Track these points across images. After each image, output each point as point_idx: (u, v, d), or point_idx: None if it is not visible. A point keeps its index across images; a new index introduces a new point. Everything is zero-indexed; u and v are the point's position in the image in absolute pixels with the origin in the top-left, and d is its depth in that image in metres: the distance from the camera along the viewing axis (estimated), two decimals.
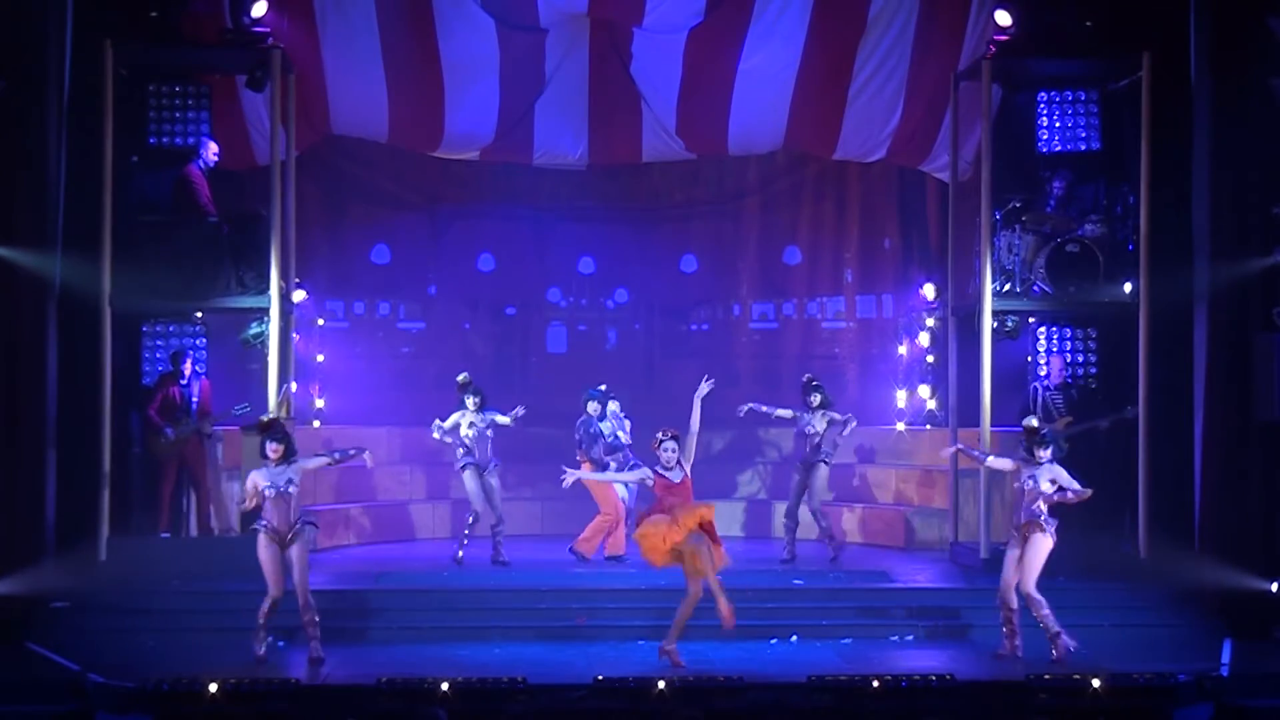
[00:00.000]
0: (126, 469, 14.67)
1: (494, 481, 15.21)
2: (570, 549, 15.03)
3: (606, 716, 10.61)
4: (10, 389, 13.06)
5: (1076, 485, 12.38)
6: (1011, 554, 12.33)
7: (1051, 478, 12.27)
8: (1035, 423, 12.76)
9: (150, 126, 15.43)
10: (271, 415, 12.59)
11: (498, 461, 15.27)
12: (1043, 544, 12.21)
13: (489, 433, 15.15)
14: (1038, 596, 12.24)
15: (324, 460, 12.48)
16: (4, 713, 10.68)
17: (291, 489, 11.99)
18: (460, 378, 15.28)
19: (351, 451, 12.45)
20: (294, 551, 11.98)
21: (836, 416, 15.24)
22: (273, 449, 12.01)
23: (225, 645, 12.39)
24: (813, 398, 15.26)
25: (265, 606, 12.01)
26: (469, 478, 15.17)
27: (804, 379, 15.51)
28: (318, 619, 12.06)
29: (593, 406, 15.39)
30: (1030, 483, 12.28)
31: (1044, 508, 12.25)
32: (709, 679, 10.94)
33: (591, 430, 15.36)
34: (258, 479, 11.98)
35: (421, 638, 12.75)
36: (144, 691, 10.57)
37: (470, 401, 15.10)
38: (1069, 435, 14.81)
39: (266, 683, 10.73)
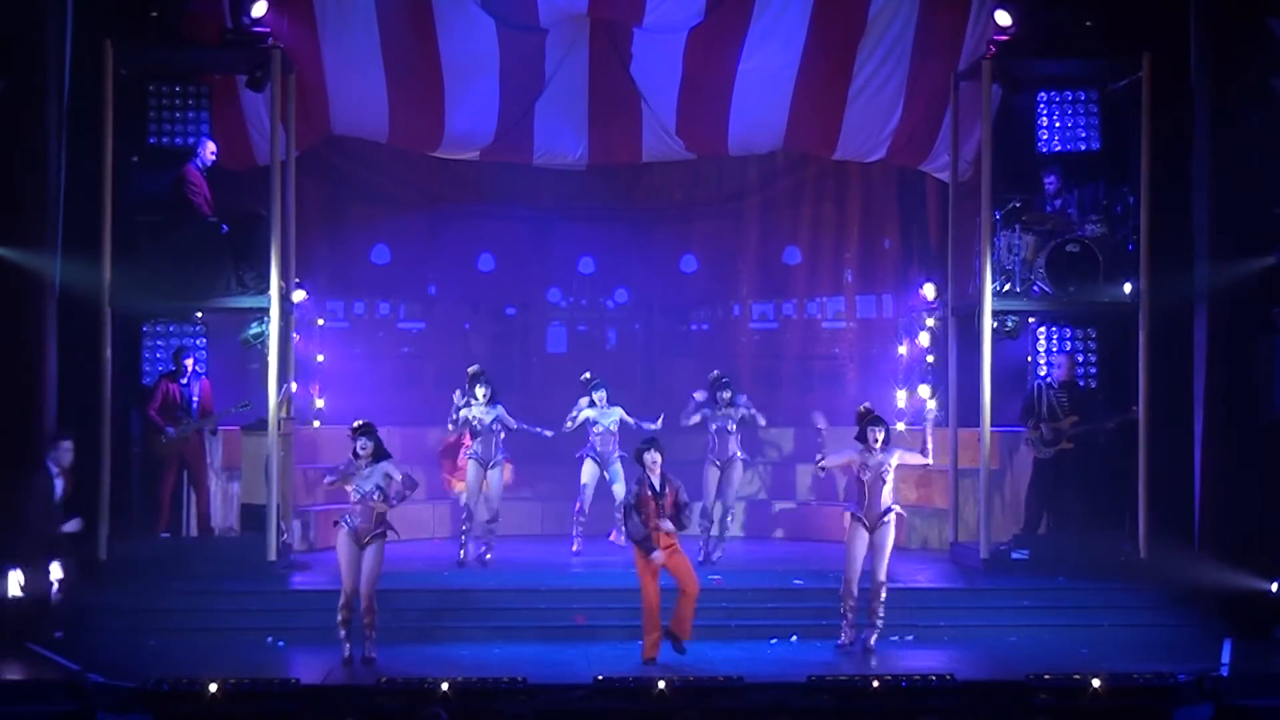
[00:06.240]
0: (126, 469, 14.66)
1: (494, 477, 15.19)
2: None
3: (606, 716, 10.61)
4: (10, 389, 13.06)
5: (919, 455, 12.66)
6: (858, 545, 12.43)
7: (897, 462, 12.47)
8: (868, 406, 12.86)
9: (150, 126, 15.43)
10: (363, 420, 12.56)
11: (506, 456, 15.26)
12: (893, 533, 12.47)
13: (496, 427, 15.15)
14: (885, 584, 12.48)
15: (400, 476, 12.55)
16: (4, 713, 10.68)
17: (377, 496, 12.09)
18: (471, 369, 15.32)
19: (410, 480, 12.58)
20: (369, 553, 12.05)
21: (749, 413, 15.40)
22: (362, 446, 12.10)
23: (225, 645, 12.39)
24: (724, 394, 15.26)
25: (342, 601, 12.09)
26: (470, 471, 15.20)
27: (713, 375, 15.54)
28: (376, 622, 12.14)
29: (599, 395, 15.50)
30: (869, 474, 12.39)
31: (890, 498, 12.42)
32: (709, 679, 10.93)
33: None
34: (348, 481, 12.09)
35: (421, 638, 12.76)
36: (144, 691, 10.56)
37: (480, 392, 15.11)
38: (1073, 435, 14.84)
39: (266, 683, 10.72)
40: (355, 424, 12.37)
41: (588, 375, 15.76)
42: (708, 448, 15.46)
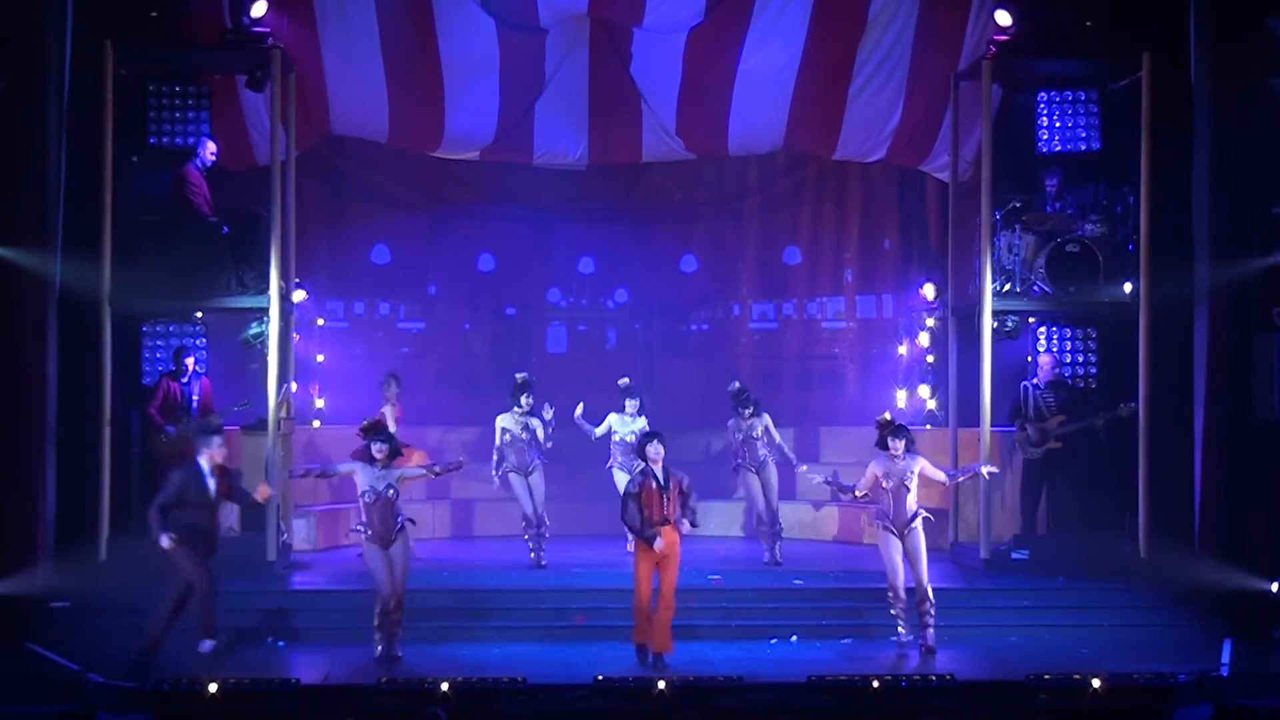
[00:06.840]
0: (126, 469, 14.66)
1: (537, 482, 15.27)
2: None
3: (606, 716, 10.61)
4: (10, 389, 13.06)
5: (943, 475, 12.90)
6: (893, 551, 12.53)
7: (920, 470, 12.55)
8: (889, 416, 12.93)
9: (150, 126, 15.44)
10: (373, 418, 12.62)
11: (542, 460, 15.29)
12: (923, 537, 12.58)
13: (524, 435, 15.16)
14: (929, 587, 12.58)
15: (422, 472, 12.98)
16: (4, 713, 10.68)
17: (392, 494, 12.18)
18: (519, 376, 15.35)
19: (452, 463, 13.16)
20: (396, 550, 12.19)
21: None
22: (379, 449, 12.20)
23: (225, 645, 12.36)
24: (746, 409, 15.22)
25: (379, 608, 12.16)
26: (513, 482, 15.21)
27: (733, 388, 15.45)
28: (403, 619, 12.25)
29: (631, 404, 15.48)
30: (892, 481, 12.48)
31: (915, 504, 12.54)
32: (709, 679, 10.93)
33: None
34: (359, 479, 12.19)
35: (421, 638, 12.74)
36: (144, 691, 10.57)
37: (525, 401, 15.11)
38: (1062, 434, 14.84)
39: (266, 683, 10.72)
40: (365, 424, 12.42)
41: (625, 381, 15.68)
42: (738, 456, 15.42)
